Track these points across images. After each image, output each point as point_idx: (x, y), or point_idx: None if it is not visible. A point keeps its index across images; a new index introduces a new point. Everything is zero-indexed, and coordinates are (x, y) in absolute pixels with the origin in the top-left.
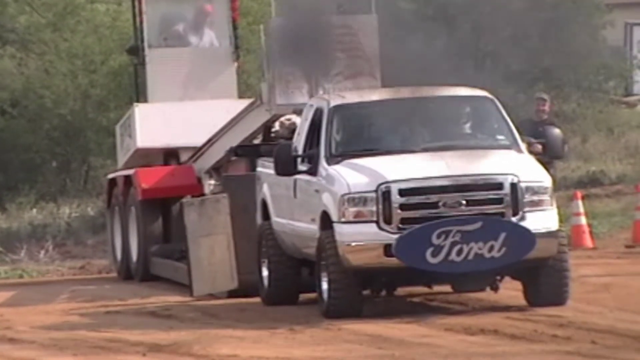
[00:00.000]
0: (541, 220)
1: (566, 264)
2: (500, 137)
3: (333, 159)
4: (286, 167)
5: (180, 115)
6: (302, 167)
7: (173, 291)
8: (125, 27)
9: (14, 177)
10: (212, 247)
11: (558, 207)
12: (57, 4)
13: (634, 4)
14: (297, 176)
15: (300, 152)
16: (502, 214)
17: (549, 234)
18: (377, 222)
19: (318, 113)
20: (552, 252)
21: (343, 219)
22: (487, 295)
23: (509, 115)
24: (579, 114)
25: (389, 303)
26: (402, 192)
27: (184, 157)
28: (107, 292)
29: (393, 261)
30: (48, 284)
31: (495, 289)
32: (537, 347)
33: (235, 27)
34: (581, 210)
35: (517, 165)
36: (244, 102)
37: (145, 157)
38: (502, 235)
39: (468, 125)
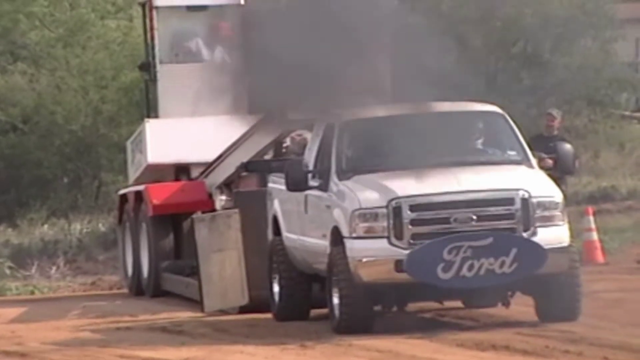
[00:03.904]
0: (552, 235)
1: (577, 279)
2: (511, 152)
3: (344, 174)
4: (297, 182)
5: (191, 130)
6: (313, 182)
7: (184, 307)
8: (136, 43)
9: (25, 193)
10: (223, 263)
11: (569, 223)
12: (68, 20)
13: None
14: (308, 192)
15: (311, 167)
16: (513, 230)
17: (561, 250)
18: (388, 238)
19: (329, 128)
20: (563, 268)
21: (354, 235)
22: (499, 310)
23: (520, 130)
24: (590, 129)
25: (400, 319)
26: (413, 208)
27: (195, 172)
28: (118, 308)
29: (404, 277)
30: (59, 300)
31: (506, 304)
32: None
33: (246, 43)
34: (592, 225)
35: (528, 181)
36: (255, 118)
37: (156, 173)
38: (514, 251)
39: (479, 140)
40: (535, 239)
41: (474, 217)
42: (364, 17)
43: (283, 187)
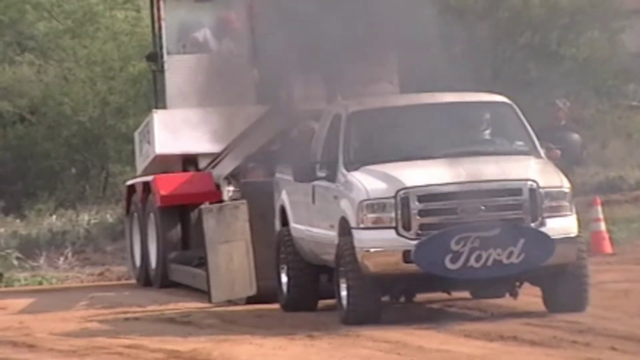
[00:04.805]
0: (560, 226)
1: (585, 270)
2: (519, 142)
3: (351, 165)
4: (304, 173)
5: (198, 121)
6: (320, 173)
7: (192, 298)
8: (144, 34)
9: (33, 184)
10: (231, 254)
11: (577, 213)
12: (76, 11)
13: None
14: (316, 182)
15: (318, 158)
16: (521, 220)
17: (568, 240)
18: (395, 228)
19: (336, 119)
20: (571, 258)
21: (362, 225)
22: (506, 301)
23: (527, 120)
24: (598, 120)
25: (407, 309)
26: (421, 198)
27: (202, 163)
28: (126, 299)
29: (412, 267)
30: (67, 290)
31: (514, 295)
32: (556, 353)
33: (253, 33)
34: (600, 216)
35: (536, 171)
36: (262, 109)
37: (164, 164)
38: (521, 241)
39: (487, 131)
40: (543, 229)
41: (482, 208)
42: (372, 7)
43: (290, 178)
